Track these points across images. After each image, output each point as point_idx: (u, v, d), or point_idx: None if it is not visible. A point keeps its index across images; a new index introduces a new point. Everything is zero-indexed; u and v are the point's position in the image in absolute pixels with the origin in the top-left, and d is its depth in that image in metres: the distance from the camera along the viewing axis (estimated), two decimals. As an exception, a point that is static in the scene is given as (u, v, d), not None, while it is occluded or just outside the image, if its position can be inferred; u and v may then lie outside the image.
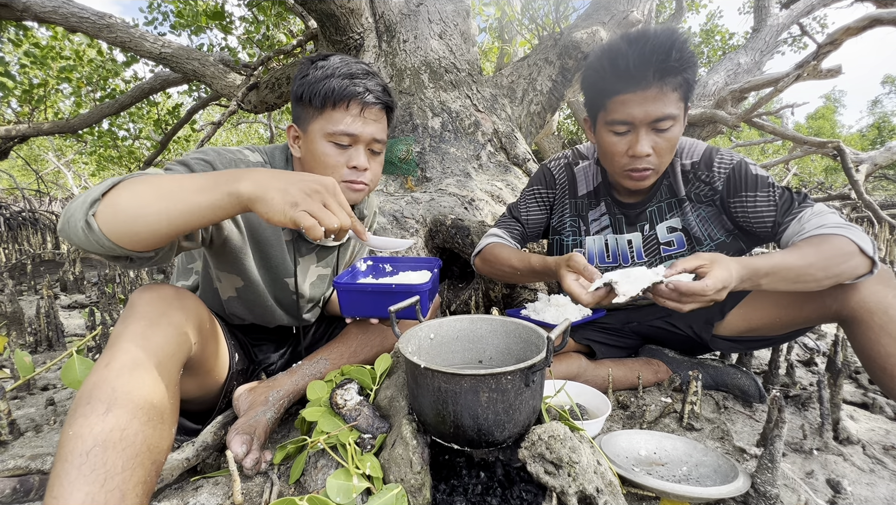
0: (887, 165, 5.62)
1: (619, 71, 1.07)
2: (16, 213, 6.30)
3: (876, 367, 1.01)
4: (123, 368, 0.71)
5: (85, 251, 0.77)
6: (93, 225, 0.72)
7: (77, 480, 0.61)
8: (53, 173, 11.24)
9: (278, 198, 0.73)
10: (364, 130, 1.03)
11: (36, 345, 1.95)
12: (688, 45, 1.05)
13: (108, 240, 0.73)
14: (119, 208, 0.73)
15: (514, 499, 0.78)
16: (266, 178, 0.74)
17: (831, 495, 0.88)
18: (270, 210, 0.72)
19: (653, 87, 1.06)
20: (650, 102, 1.07)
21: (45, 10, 3.41)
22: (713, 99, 4.66)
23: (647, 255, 1.34)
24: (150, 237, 0.74)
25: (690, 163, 1.25)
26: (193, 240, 0.94)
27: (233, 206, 0.74)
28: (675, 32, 1.05)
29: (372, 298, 1.09)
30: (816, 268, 0.97)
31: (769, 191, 1.15)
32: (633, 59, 1.04)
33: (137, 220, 0.73)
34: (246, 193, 0.73)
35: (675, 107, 1.08)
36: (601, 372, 1.35)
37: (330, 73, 1.00)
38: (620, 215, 1.34)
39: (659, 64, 1.03)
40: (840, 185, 10.70)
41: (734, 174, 1.19)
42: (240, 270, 1.10)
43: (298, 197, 0.73)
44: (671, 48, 1.02)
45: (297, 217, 0.72)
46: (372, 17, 2.83)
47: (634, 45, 1.04)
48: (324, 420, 0.92)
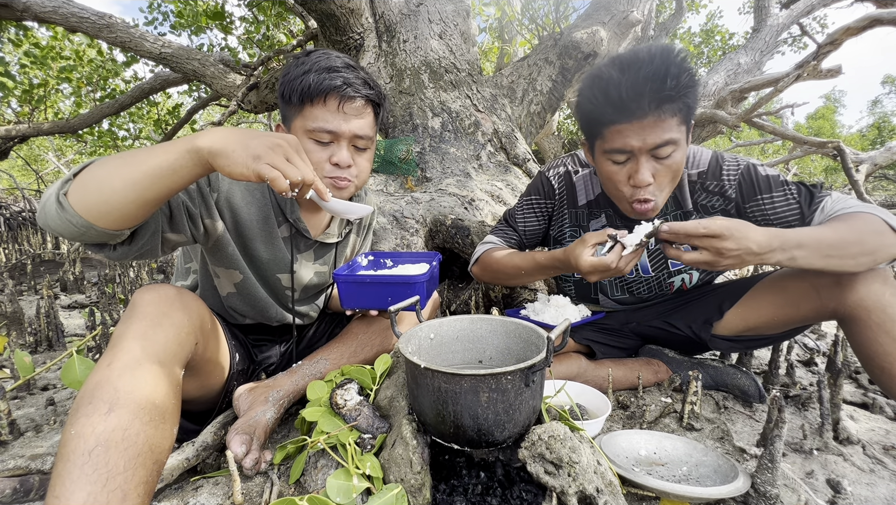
0: (887, 165, 5.62)
1: (613, 101, 1.01)
2: (16, 213, 6.30)
3: (874, 365, 1.02)
4: (126, 368, 0.71)
5: (65, 237, 0.76)
6: (64, 204, 0.72)
7: (79, 480, 0.61)
8: (53, 173, 11.23)
9: (240, 150, 0.73)
10: (344, 126, 1.00)
11: (36, 345, 1.95)
12: (686, 67, 0.98)
13: (79, 217, 0.73)
14: (87, 181, 0.74)
15: (514, 499, 0.78)
16: (226, 134, 0.74)
17: (831, 495, 0.88)
18: (231, 164, 0.72)
19: (649, 115, 1.00)
20: (648, 131, 1.01)
21: (45, 10, 3.40)
22: (713, 99, 4.66)
23: (654, 269, 1.33)
24: (120, 208, 0.74)
25: (697, 173, 1.21)
26: (180, 232, 0.94)
27: (194, 163, 0.73)
28: (671, 55, 0.98)
29: (370, 289, 1.11)
30: (850, 242, 0.94)
31: (785, 189, 1.13)
32: (626, 88, 0.98)
33: (104, 191, 0.73)
34: (206, 148, 0.72)
35: (675, 132, 1.02)
36: (601, 372, 1.35)
37: (308, 69, 0.97)
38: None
39: (654, 94, 0.97)
40: (840, 185, 10.70)
41: (745, 179, 1.16)
42: (237, 265, 1.10)
43: (260, 150, 0.73)
44: (666, 75, 0.96)
45: (261, 169, 0.72)
46: (372, 17, 2.83)
47: (627, 72, 0.98)
48: (324, 420, 0.92)
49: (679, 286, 1.36)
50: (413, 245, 1.94)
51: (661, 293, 1.38)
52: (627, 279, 1.38)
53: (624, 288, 1.40)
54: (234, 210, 1.05)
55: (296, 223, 1.13)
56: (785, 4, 4.85)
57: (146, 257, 0.89)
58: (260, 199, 1.09)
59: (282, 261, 1.16)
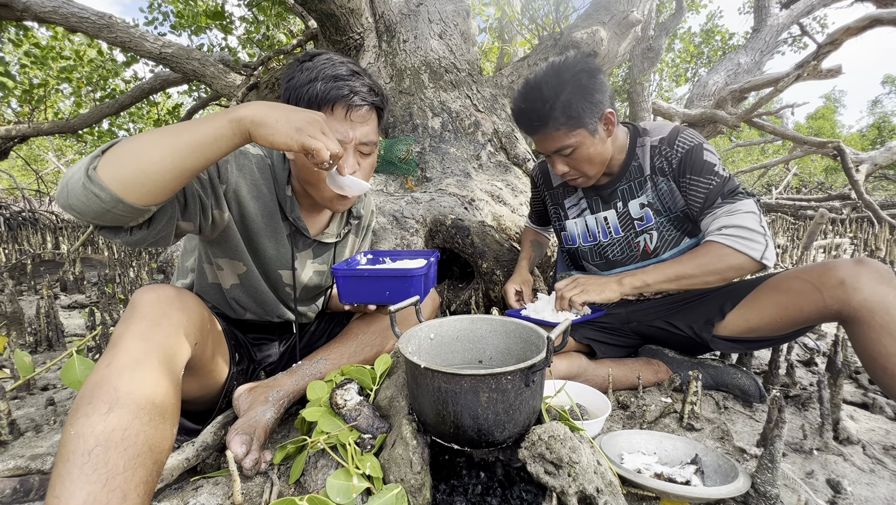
0: (887, 165, 5.62)
1: (519, 124, 1.35)
2: (16, 213, 6.30)
3: (877, 366, 1.01)
4: (125, 368, 0.71)
5: (83, 217, 0.75)
6: (93, 177, 0.71)
7: (79, 480, 0.61)
8: (53, 173, 11.23)
9: (283, 121, 0.77)
10: (351, 134, 1.01)
11: (36, 345, 1.95)
12: (561, 93, 1.22)
13: (108, 190, 0.71)
14: (121, 154, 0.74)
15: (514, 499, 0.78)
16: (268, 106, 0.79)
17: (831, 495, 0.88)
18: (276, 133, 0.77)
19: (540, 132, 1.30)
20: (546, 142, 1.32)
21: (45, 10, 3.41)
22: (713, 99, 4.66)
23: (624, 229, 1.45)
24: (155, 179, 0.74)
25: (658, 139, 1.35)
26: (191, 221, 0.94)
27: (234, 133, 0.76)
28: (550, 84, 1.23)
29: (368, 284, 1.11)
30: (692, 270, 1.23)
31: (710, 178, 1.26)
32: (523, 116, 1.30)
33: (142, 161, 0.73)
34: (248, 117, 0.76)
35: (567, 138, 1.27)
36: (601, 372, 1.35)
37: (314, 76, 0.97)
38: (596, 196, 1.48)
39: (537, 120, 1.27)
40: (840, 185, 10.70)
41: (687, 156, 1.29)
42: (241, 256, 1.11)
43: (302, 123, 0.78)
44: (543, 105, 1.24)
45: (305, 140, 0.77)
46: (372, 17, 2.83)
47: (524, 102, 1.28)
48: (324, 420, 0.92)
49: (643, 247, 1.43)
50: (413, 245, 1.95)
51: (630, 255, 1.45)
52: (602, 242, 1.50)
53: (600, 253, 1.52)
54: (242, 203, 1.05)
55: (295, 222, 1.14)
56: (785, 4, 4.85)
57: (158, 245, 0.90)
58: (266, 195, 1.09)
59: (284, 257, 1.16)
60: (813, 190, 9.90)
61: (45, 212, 6.97)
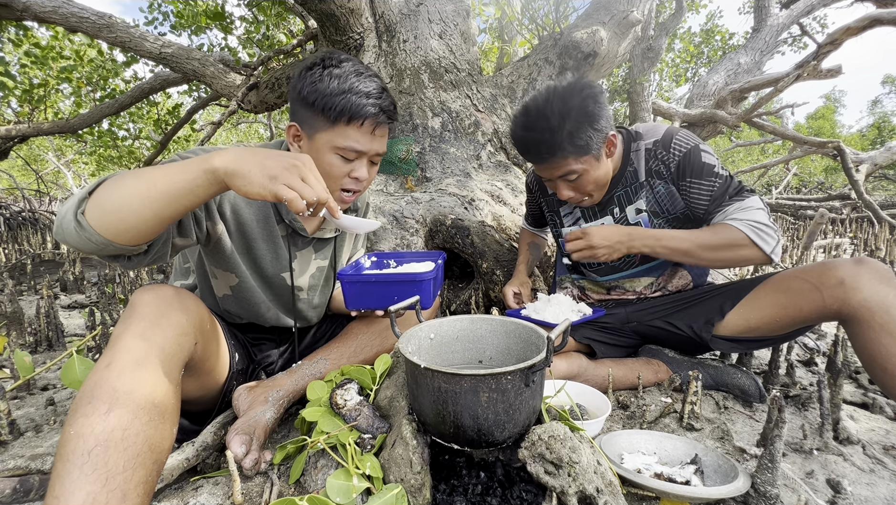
0: (887, 165, 5.62)
1: (522, 152, 1.31)
2: (16, 213, 6.30)
3: (877, 366, 1.02)
4: (125, 368, 0.71)
5: (83, 252, 0.78)
6: (83, 223, 0.73)
7: (79, 480, 0.61)
8: (53, 173, 11.23)
9: (256, 171, 0.74)
10: (371, 147, 1.04)
11: (36, 345, 1.95)
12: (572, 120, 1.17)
13: (99, 235, 0.74)
14: (104, 201, 0.74)
15: (514, 499, 0.78)
16: (241, 154, 0.75)
17: (831, 495, 0.88)
18: (249, 184, 0.74)
19: (547, 161, 1.25)
20: (551, 169, 1.28)
21: (45, 10, 3.40)
22: (713, 99, 4.66)
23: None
24: (137, 226, 0.75)
25: (653, 141, 1.34)
26: (188, 237, 0.95)
27: (210, 183, 0.75)
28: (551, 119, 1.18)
29: (376, 289, 1.10)
30: (703, 248, 1.20)
31: (712, 180, 1.25)
32: (527, 145, 1.26)
33: (122, 209, 0.74)
34: (221, 168, 0.73)
35: (574, 164, 1.24)
36: (601, 372, 1.35)
37: (347, 89, 0.98)
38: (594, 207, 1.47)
39: (545, 149, 1.22)
40: (840, 185, 10.70)
41: (685, 159, 1.28)
42: (234, 268, 1.11)
43: (276, 171, 0.74)
44: (553, 135, 1.19)
45: (277, 190, 0.73)
46: (372, 16, 2.82)
47: (528, 130, 1.23)
48: (324, 420, 0.92)
49: None
50: (413, 245, 1.95)
51: (629, 260, 1.46)
52: None
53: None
54: (237, 210, 1.06)
55: (292, 223, 1.14)
56: (785, 4, 4.85)
57: (157, 263, 0.91)
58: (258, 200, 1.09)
59: (283, 259, 1.16)
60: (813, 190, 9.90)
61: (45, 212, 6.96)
